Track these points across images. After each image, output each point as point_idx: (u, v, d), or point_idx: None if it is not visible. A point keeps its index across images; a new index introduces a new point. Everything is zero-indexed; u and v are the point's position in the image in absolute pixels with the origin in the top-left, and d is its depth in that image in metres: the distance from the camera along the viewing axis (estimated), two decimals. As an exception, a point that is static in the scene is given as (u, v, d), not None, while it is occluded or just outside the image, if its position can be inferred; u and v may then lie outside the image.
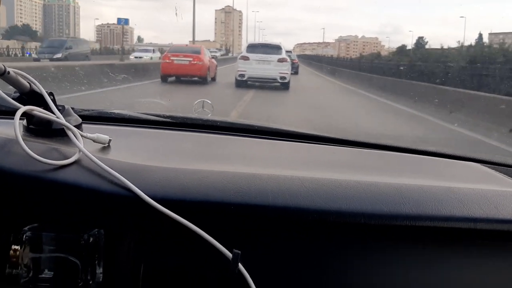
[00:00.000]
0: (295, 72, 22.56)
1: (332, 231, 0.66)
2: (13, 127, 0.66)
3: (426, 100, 10.13)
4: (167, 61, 14.74)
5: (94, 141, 0.78)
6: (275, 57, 13.62)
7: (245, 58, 13.73)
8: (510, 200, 0.71)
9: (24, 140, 0.66)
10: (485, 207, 0.68)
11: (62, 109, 0.79)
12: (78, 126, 0.80)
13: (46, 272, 0.63)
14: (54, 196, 0.65)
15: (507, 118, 7.30)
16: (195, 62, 14.54)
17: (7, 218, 0.66)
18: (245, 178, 0.69)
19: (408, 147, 1.02)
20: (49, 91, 0.79)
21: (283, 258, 0.66)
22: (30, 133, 0.78)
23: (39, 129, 0.78)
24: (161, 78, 14.64)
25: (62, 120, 0.75)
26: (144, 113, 1.09)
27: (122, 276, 0.64)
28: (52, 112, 0.76)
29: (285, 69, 13.60)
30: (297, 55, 38.00)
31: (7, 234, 0.65)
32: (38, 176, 0.65)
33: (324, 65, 35.59)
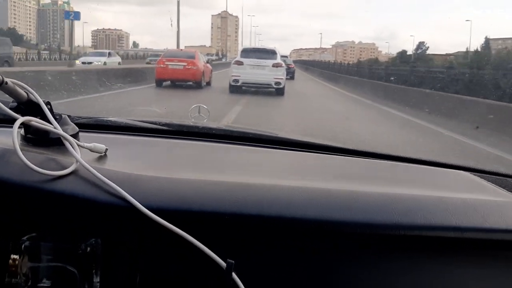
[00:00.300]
0: (291, 77, 22.45)
1: (325, 241, 0.67)
2: (12, 137, 0.67)
3: (445, 112, 8.82)
4: (162, 65, 14.71)
5: (91, 150, 0.79)
6: (269, 62, 13.33)
7: (239, 63, 13.45)
8: (497, 209, 0.73)
9: (22, 150, 0.67)
10: (473, 216, 0.69)
11: (59, 118, 0.80)
12: (75, 135, 0.81)
13: (44, 281, 0.63)
14: (51, 206, 0.66)
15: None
16: (189, 67, 14.50)
17: (6, 228, 0.67)
18: (240, 188, 0.71)
19: (400, 156, 1.03)
20: (46, 101, 0.79)
21: (277, 268, 0.67)
22: (27, 143, 0.79)
23: (36, 138, 0.79)
24: (156, 83, 14.62)
25: (59, 131, 0.76)
26: (140, 121, 1.10)
27: (118, 285, 0.65)
28: (49, 122, 0.77)
29: (280, 74, 13.33)
30: (294, 61, 37.91)
31: (6, 243, 0.66)
32: (36, 187, 0.66)
33: (318, 70, 35.23)
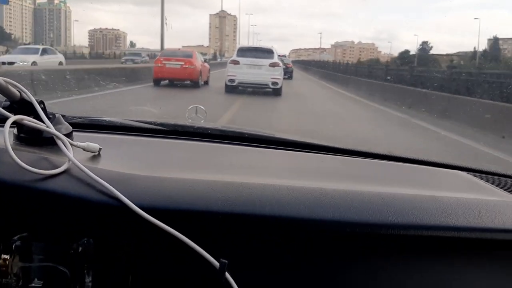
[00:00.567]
0: (289, 77, 22.31)
1: (319, 240, 0.67)
2: (3, 137, 0.67)
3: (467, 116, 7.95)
4: (159, 65, 14.70)
5: (84, 149, 0.79)
6: (266, 62, 13.06)
7: (235, 62, 13.16)
8: (493, 209, 0.73)
9: (14, 149, 0.67)
10: (468, 216, 0.69)
11: (52, 118, 0.80)
12: (69, 135, 0.80)
13: (35, 281, 0.63)
14: (43, 206, 0.65)
15: None
16: (186, 66, 14.48)
17: None
18: (233, 187, 0.70)
19: (397, 155, 1.03)
20: (40, 100, 0.79)
21: (270, 267, 0.67)
22: (20, 142, 0.78)
23: (29, 137, 0.78)
24: (154, 82, 14.60)
25: (52, 130, 0.75)
26: (135, 121, 1.09)
27: (111, 285, 0.65)
28: (42, 121, 0.76)
29: (277, 74, 13.06)
30: (293, 61, 37.54)
31: None
32: (27, 186, 0.66)
33: (317, 70, 34.82)
